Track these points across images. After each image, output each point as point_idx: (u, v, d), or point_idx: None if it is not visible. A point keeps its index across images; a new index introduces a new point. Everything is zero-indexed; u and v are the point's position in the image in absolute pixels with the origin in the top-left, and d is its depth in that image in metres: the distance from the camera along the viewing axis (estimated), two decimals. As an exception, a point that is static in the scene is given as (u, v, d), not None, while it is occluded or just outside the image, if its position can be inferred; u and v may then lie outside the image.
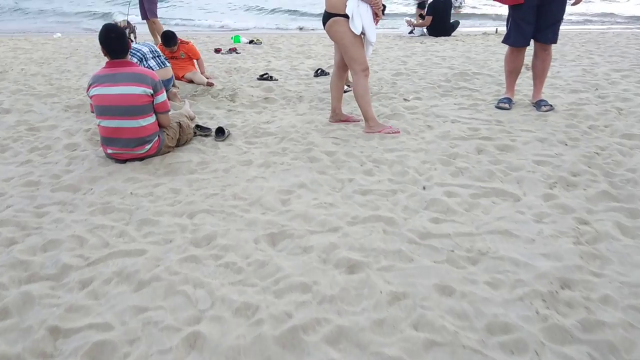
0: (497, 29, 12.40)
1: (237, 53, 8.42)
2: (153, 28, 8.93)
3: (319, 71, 6.46)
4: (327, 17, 3.93)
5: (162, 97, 3.55)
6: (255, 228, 2.62)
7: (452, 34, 10.88)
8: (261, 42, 9.81)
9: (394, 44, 9.52)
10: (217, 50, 8.49)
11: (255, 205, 2.90)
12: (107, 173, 3.36)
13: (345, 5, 3.81)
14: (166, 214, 2.80)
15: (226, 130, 4.12)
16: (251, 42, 9.86)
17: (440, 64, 7.03)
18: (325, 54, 8.17)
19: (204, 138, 4.10)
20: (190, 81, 6.00)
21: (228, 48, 8.68)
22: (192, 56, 6.24)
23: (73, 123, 4.58)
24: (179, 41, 6.17)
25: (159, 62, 5.16)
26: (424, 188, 3.05)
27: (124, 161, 3.55)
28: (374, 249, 2.38)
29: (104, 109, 3.43)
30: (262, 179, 3.25)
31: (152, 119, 3.53)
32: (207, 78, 6.10)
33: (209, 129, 4.19)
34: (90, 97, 3.49)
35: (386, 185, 3.11)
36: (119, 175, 3.33)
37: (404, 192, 3.00)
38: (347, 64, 4.07)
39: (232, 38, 10.04)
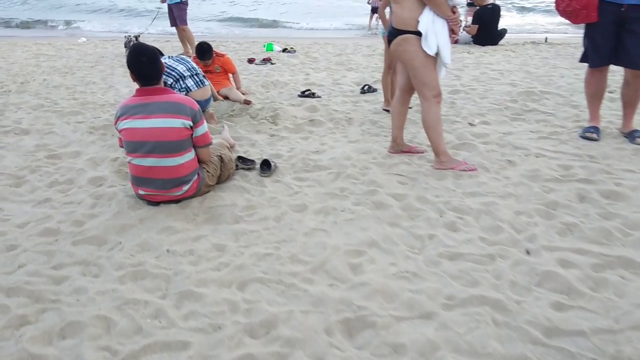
0: (546, 37, 11.73)
1: (271, 64, 7.95)
2: (182, 36, 8.54)
3: (366, 87, 5.93)
4: (394, 34, 3.40)
5: (203, 128, 3.05)
6: (324, 309, 2.09)
7: (499, 43, 10.25)
8: (295, 51, 9.33)
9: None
10: (251, 61, 8.05)
11: (320, 272, 2.37)
12: (138, 220, 2.88)
13: (418, 22, 3.27)
14: (211, 283, 2.29)
15: (272, 164, 3.62)
16: (285, 50, 9.39)
17: (498, 80, 6.43)
18: (367, 66, 7.64)
19: (247, 172, 3.60)
20: (226, 97, 5.53)
21: (262, 58, 8.21)
22: (227, 70, 5.78)
23: (99, 149, 4.14)
24: (214, 54, 5.72)
25: (197, 80, 4.71)
26: (528, 252, 2.49)
27: (158, 203, 3.07)
28: (488, 353, 1.83)
29: (135, 145, 2.95)
30: (322, 233, 2.73)
31: (191, 154, 3.04)
32: (244, 94, 5.63)
33: (252, 162, 3.69)
34: (119, 131, 3.02)
35: (478, 246, 2.55)
36: (153, 223, 2.84)
37: (504, 258, 2.44)
38: (416, 89, 3.53)
39: (264, 46, 9.59)
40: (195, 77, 4.73)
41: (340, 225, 2.81)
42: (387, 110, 5.04)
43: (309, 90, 5.79)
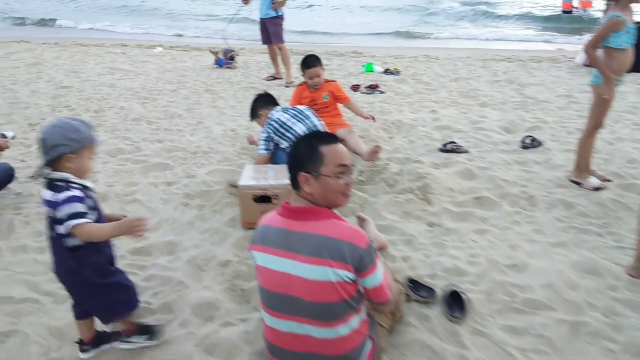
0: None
1: (380, 92, 6.75)
2: (275, 55, 7.51)
3: (529, 140, 4.59)
4: None
5: (375, 277, 1.83)
6: None
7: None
8: (399, 72, 8.09)
9: (570, 81, 7.38)
10: (355, 88, 6.88)
11: None
12: None
13: None
14: None
15: (464, 298, 2.41)
16: (387, 71, 8.17)
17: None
18: (505, 101, 6.24)
19: (424, 308, 2.41)
20: (342, 140, 4.36)
21: (369, 84, 7.02)
22: (338, 98, 4.65)
23: (198, 237, 3.12)
24: (325, 79, 4.62)
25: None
26: None
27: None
28: None
29: (270, 297, 1.87)
30: None
31: (357, 319, 1.87)
32: (366, 118, 4.70)
33: (431, 291, 2.50)
34: (256, 267, 1.92)
35: None
36: None
37: None
38: None
39: (363, 66, 8.39)
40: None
41: None
42: (577, 183, 3.72)
43: (452, 143, 4.53)
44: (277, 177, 3.23)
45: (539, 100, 6.18)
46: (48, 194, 1.88)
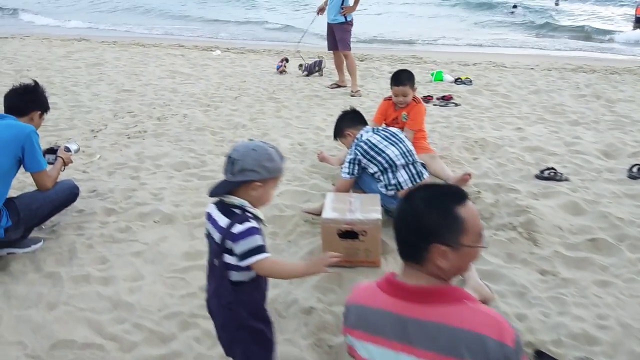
0: None
1: (455, 104, 6.27)
2: (341, 62, 7.16)
3: (636, 169, 4.03)
4: None
5: None
6: None
7: None
8: (471, 82, 7.57)
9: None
10: (427, 99, 6.42)
11: None
12: None
13: None
14: None
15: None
16: (457, 80, 7.67)
17: None
18: (597, 119, 5.64)
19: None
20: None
21: (441, 95, 6.56)
22: (413, 122, 4.18)
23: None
24: (414, 97, 4.23)
25: (414, 172, 3.35)
26: None
27: None
28: None
29: None
30: None
31: None
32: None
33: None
34: (351, 351, 1.55)
35: None
36: None
37: None
38: None
39: (432, 75, 7.92)
40: (412, 167, 3.21)
41: None
42: None
43: (551, 169, 4.03)
44: (365, 209, 2.85)
45: (635, 120, 5.54)
46: (224, 221, 1.73)
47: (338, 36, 6.82)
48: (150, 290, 2.66)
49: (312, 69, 8.26)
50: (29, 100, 3.05)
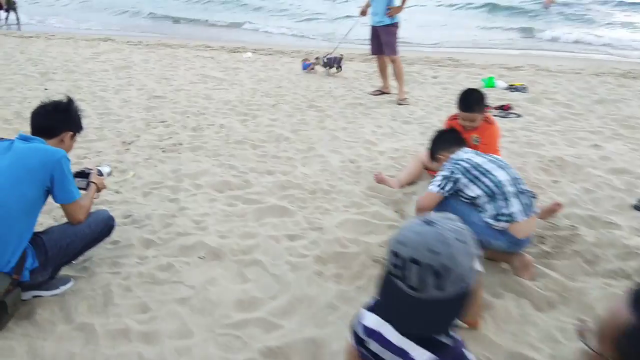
0: None
1: (516, 115, 5.74)
2: (385, 67, 6.68)
3: None
4: None
5: None
6: None
7: None
8: (526, 89, 7.02)
9: None
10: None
11: None
12: None
13: None
14: None
15: None
16: (511, 87, 7.12)
17: None
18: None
19: None
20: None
21: (498, 104, 6.02)
22: (488, 146, 3.67)
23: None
24: (485, 116, 3.72)
25: (527, 203, 2.74)
26: None
27: None
28: None
29: None
30: None
31: None
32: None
33: None
34: None
35: None
36: None
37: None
38: None
39: (482, 81, 7.38)
40: (523, 196, 2.69)
41: None
42: None
43: (649, 200, 3.50)
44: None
45: None
46: (421, 354, 1.21)
47: (384, 39, 6.33)
48: (201, 353, 2.21)
49: (332, 63, 8.03)
50: (60, 119, 2.63)
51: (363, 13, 6.83)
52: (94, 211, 2.81)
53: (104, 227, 2.81)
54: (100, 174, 2.98)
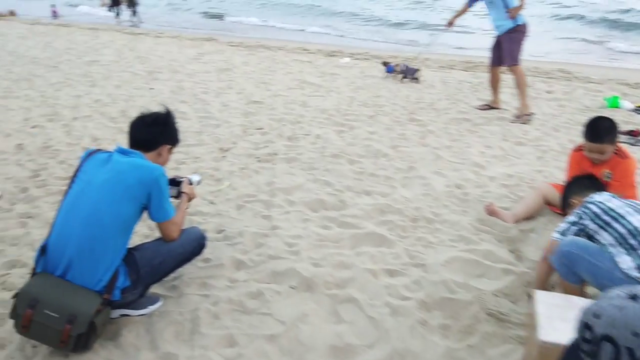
0: None
1: (649, 142, 5.02)
2: (497, 80, 6.15)
3: None
4: None
5: None
6: None
7: None
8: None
9: None
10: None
11: None
12: None
13: None
14: None
15: None
16: (638, 109, 6.29)
17: None
18: None
19: None
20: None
21: (627, 129, 5.30)
22: (622, 185, 3.11)
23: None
24: (617, 148, 3.18)
25: None
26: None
27: None
28: None
29: None
30: None
31: None
32: None
33: None
34: None
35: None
36: None
37: None
38: None
39: (605, 100, 6.60)
40: None
41: None
42: None
43: None
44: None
45: None
46: None
47: (506, 47, 5.71)
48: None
49: (407, 74, 7.81)
50: (158, 133, 2.53)
51: (450, 24, 6.48)
52: (187, 228, 2.70)
53: (196, 246, 2.69)
54: (190, 183, 2.87)
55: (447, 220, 3.45)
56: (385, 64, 8.26)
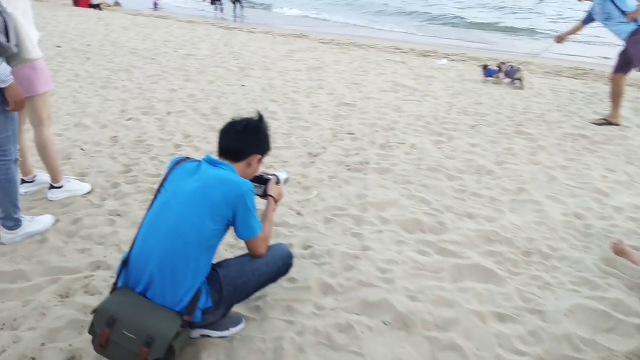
0: None
1: None
2: (620, 91, 5.46)
3: None
4: None
5: None
6: None
7: None
8: None
9: None
10: None
11: None
12: None
13: None
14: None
15: None
16: None
17: None
18: None
19: None
20: None
21: None
22: None
23: None
24: None
25: None
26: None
27: None
28: None
29: None
30: None
31: None
32: None
33: None
34: None
35: None
36: None
37: None
38: None
39: None
40: None
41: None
42: None
43: None
44: None
45: None
46: None
47: (632, 51, 5.16)
48: None
49: (509, 75, 7.42)
50: (249, 141, 2.33)
51: (559, 40, 6.08)
52: (274, 245, 2.49)
53: (282, 266, 2.47)
54: (277, 181, 2.65)
55: (567, 257, 2.98)
56: (485, 67, 7.72)
